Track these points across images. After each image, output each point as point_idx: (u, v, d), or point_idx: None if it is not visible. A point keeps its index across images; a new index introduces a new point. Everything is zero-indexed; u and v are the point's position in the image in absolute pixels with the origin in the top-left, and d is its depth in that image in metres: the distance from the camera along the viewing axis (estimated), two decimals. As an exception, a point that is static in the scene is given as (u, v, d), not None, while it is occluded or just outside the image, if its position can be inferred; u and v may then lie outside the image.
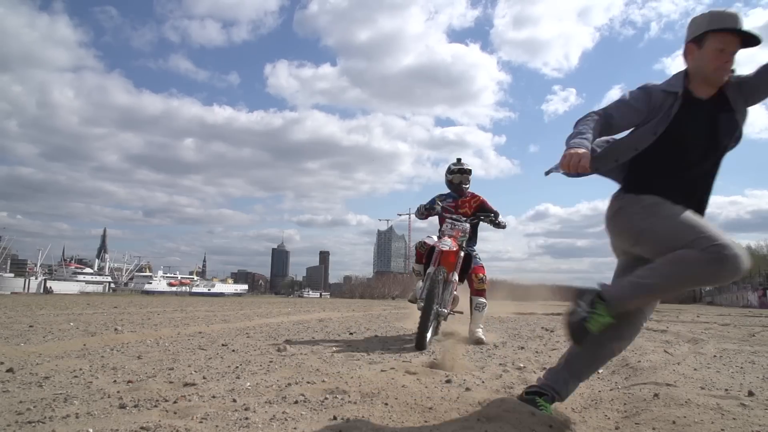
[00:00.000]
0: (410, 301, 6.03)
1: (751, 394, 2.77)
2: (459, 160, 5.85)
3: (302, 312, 16.07)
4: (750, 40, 1.99)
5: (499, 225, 5.61)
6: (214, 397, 2.62)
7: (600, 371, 3.34)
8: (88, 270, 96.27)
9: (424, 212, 5.58)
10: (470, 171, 5.80)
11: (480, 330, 5.54)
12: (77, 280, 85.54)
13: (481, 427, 2.01)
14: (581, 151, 1.91)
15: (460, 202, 5.67)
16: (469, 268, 5.46)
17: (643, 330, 2.41)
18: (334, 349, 4.99)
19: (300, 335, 7.06)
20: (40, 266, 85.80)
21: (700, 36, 2.03)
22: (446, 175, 5.81)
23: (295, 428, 2.09)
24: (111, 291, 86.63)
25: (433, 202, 5.68)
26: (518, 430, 1.99)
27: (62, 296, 38.22)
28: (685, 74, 2.11)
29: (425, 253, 5.26)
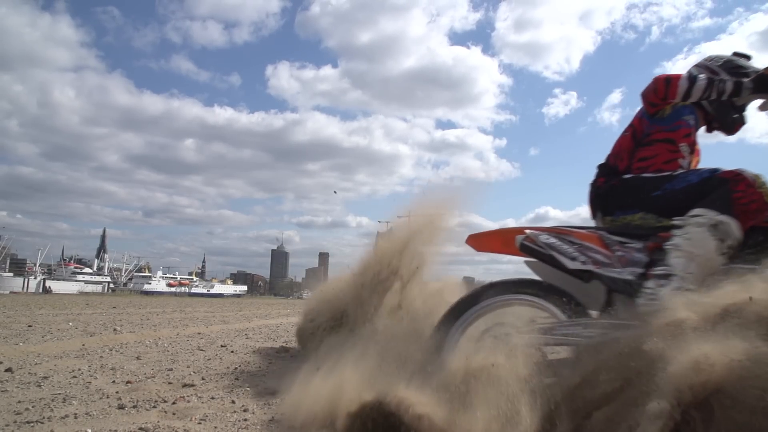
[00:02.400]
0: None
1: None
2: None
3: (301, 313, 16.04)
4: None
5: None
6: (213, 398, 2.62)
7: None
8: (87, 270, 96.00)
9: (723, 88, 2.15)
10: None
11: None
12: (76, 280, 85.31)
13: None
14: None
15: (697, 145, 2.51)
16: None
17: None
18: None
19: (299, 337, 7.04)
20: (39, 266, 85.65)
21: None
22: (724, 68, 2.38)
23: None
24: (110, 291, 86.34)
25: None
26: None
27: (61, 296, 38.15)
28: None
29: None
